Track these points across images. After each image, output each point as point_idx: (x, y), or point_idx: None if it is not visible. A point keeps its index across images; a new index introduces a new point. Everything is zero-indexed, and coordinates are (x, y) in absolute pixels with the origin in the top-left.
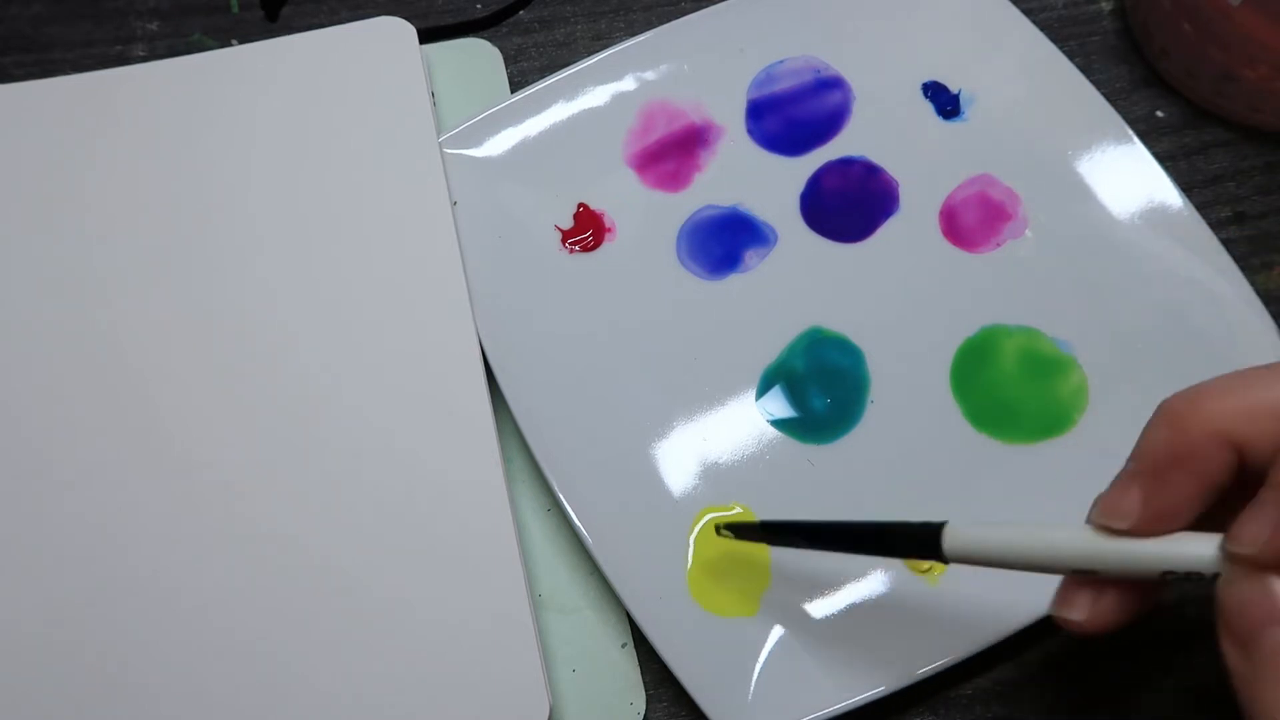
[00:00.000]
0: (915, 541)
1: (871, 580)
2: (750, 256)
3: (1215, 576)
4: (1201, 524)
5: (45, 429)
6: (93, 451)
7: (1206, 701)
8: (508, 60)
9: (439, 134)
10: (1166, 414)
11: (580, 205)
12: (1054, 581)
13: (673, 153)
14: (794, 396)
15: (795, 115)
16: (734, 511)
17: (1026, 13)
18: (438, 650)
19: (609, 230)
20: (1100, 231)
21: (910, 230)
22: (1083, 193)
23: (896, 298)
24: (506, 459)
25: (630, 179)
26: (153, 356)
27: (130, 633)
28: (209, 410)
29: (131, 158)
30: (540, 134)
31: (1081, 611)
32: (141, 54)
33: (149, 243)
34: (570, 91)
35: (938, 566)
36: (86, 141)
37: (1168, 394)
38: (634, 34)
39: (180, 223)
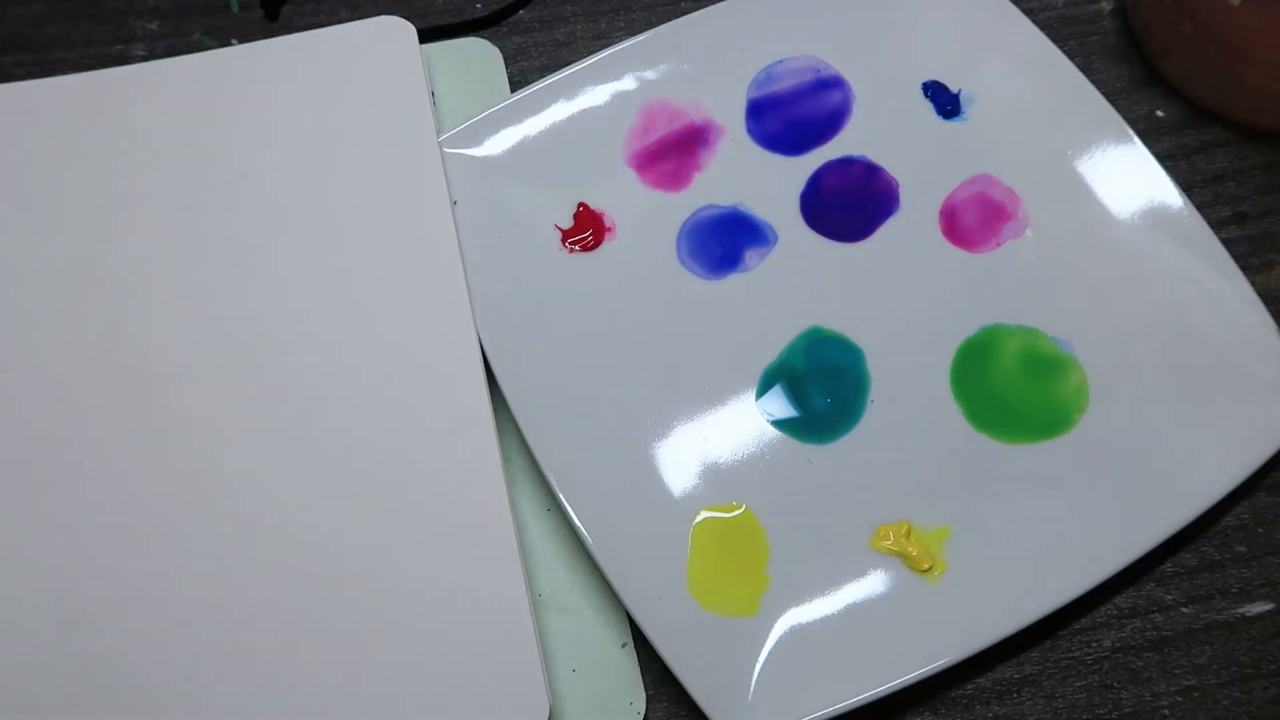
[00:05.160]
0: None
1: (871, 580)
2: (750, 256)
3: None
4: None
5: (47, 427)
6: (96, 450)
7: (1206, 701)
8: (508, 60)
9: (439, 134)
10: None
11: (580, 205)
12: (1051, 583)
13: (673, 152)
14: (794, 396)
15: (795, 115)
16: (735, 511)
17: (1026, 13)
18: (438, 650)
19: (609, 230)
20: (1100, 231)
21: (910, 230)
22: (1083, 193)
23: (896, 298)
24: (506, 459)
25: (630, 179)
26: (152, 356)
27: (131, 624)
28: (208, 409)
29: (131, 158)
30: (540, 134)
31: None
32: (141, 54)
33: (148, 243)
34: (570, 91)
35: (938, 566)
36: (86, 141)
37: (1168, 394)
38: (634, 34)
39: (180, 222)
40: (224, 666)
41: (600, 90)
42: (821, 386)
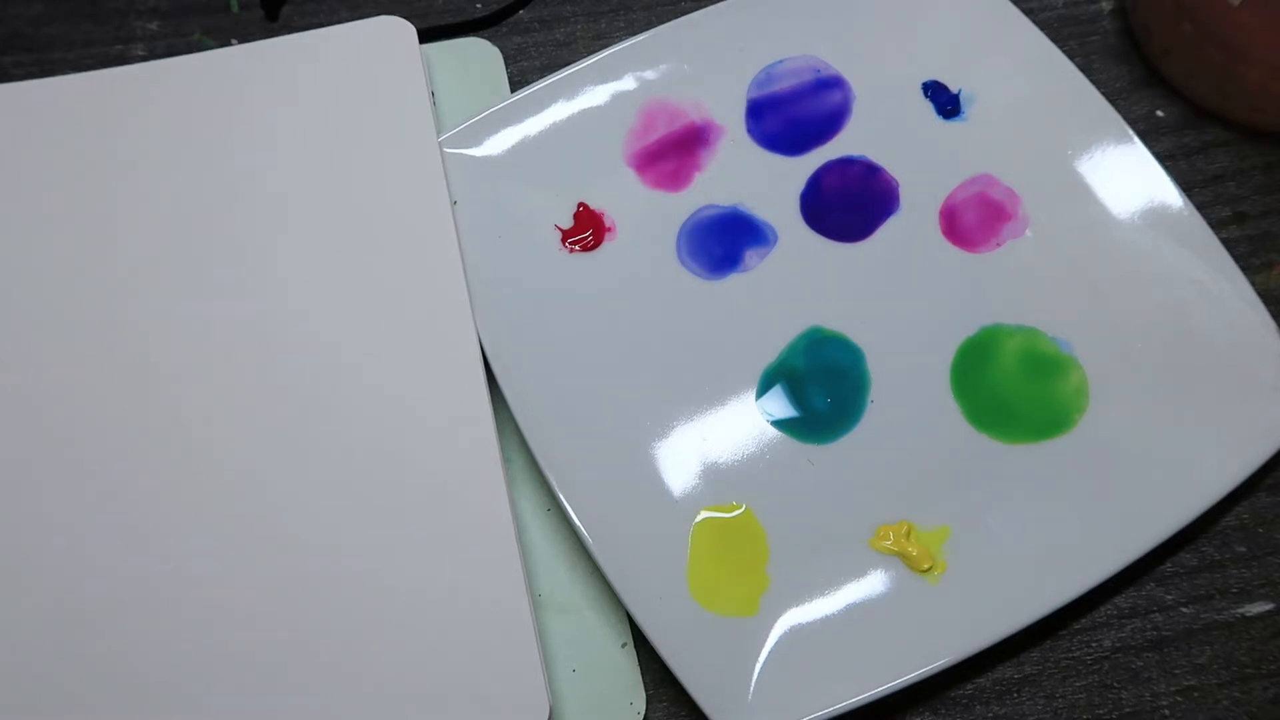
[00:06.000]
0: None
1: (871, 580)
2: (750, 256)
3: None
4: None
5: (47, 427)
6: (96, 450)
7: (1206, 701)
8: (508, 60)
9: (439, 134)
10: None
11: (580, 205)
12: (1051, 583)
13: (673, 152)
14: (794, 396)
15: (795, 115)
16: (735, 511)
17: (1026, 13)
18: (437, 650)
19: (609, 230)
20: (1100, 231)
21: (910, 230)
22: (1083, 193)
23: (896, 298)
24: (506, 459)
25: (630, 179)
26: (152, 355)
27: (131, 624)
28: (208, 409)
29: (131, 158)
30: (540, 134)
31: None
32: (141, 54)
33: (148, 242)
34: (570, 91)
35: (938, 566)
36: (86, 141)
37: (1168, 394)
38: (634, 34)
39: (180, 222)
40: (224, 666)
41: (600, 90)
42: (821, 386)
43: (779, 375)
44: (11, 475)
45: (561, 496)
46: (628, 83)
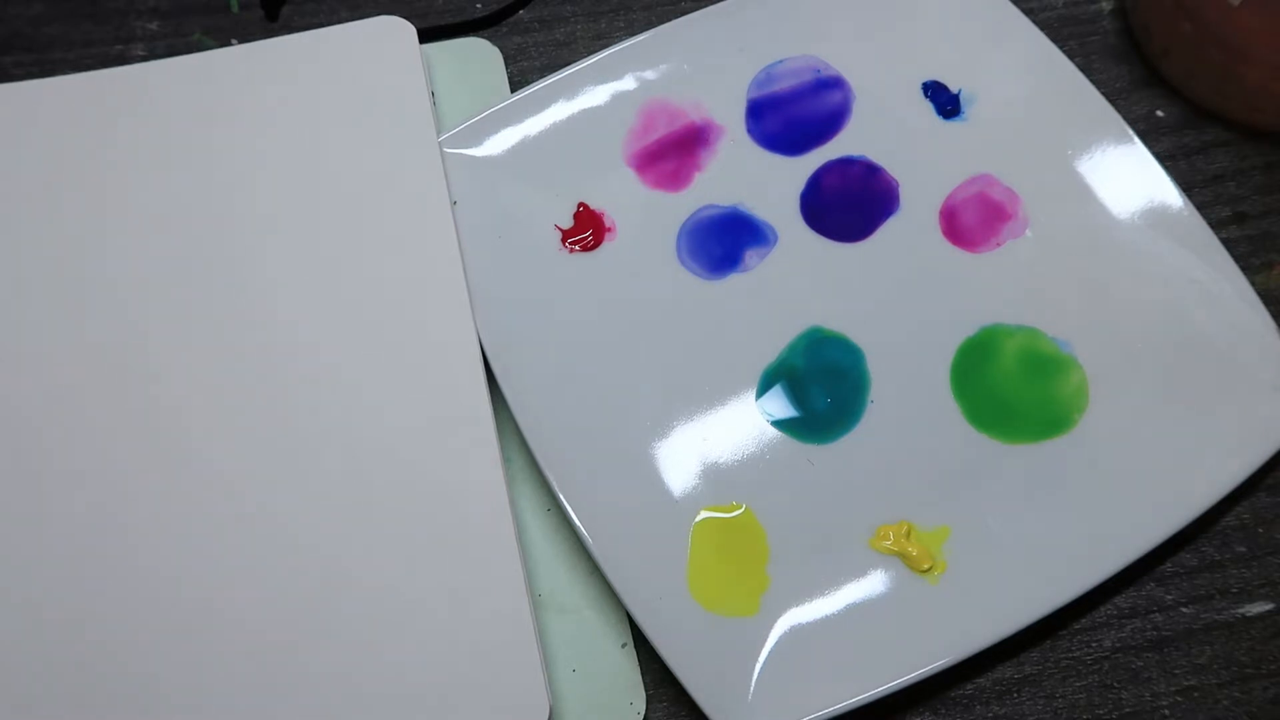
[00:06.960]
0: None
1: (871, 580)
2: (750, 256)
3: None
4: None
5: (47, 427)
6: (96, 451)
7: (1206, 701)
8: (508, 60)
9: (439, 134)
10: None
11: (580, 205)
12: (1051, 583)
13: (673, 152)
14: (794, 396)
15: (795, 115)
16: (735, 511)
17: (1026, 13)
18: (438, 650)
19: (609, 230)
20: (1100, 231)
21: (910, 230)
22: (1083, 193)
23: (896, 298)
24: (506, 459)
25: (630, 179)
26: (151, 356)
27: (131, 625)
28: (210, 409)
29: (131, 158)
30: (540, 134)
31: None
32: (141, 54)
33: (148, 243)
34: (570, 91)
35: (938, 566)
36: (86, 141)
37: (1168, 394)
38: (634, 34)
39: (180, 222)
40: (224, 667)
41: (600, 90)
42: (821, 386)
43: (779, 375)
44: (10, 475)
45: (561, 496)
46: (628, 83)
